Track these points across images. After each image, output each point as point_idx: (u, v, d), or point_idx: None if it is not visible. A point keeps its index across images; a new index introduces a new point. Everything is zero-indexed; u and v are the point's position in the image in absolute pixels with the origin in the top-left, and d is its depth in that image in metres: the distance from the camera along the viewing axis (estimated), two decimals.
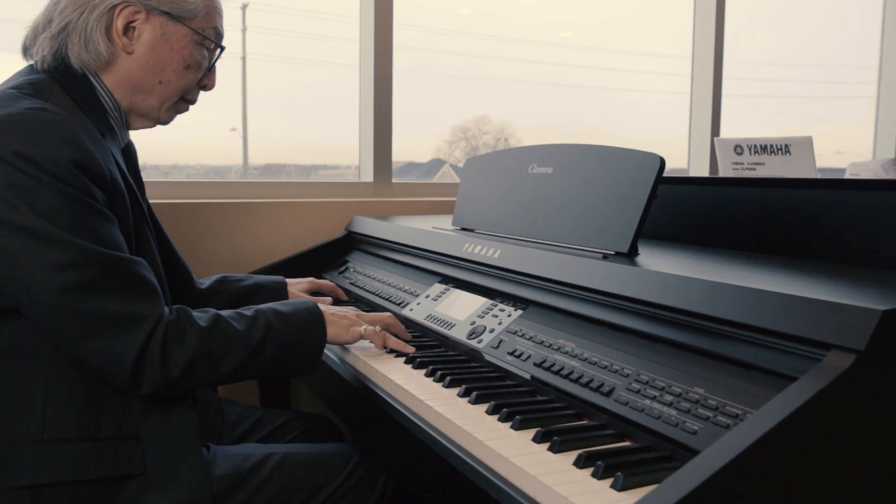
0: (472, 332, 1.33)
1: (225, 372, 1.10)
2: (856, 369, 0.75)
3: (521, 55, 5.03)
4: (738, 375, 0.89)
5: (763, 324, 0.87)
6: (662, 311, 1.02)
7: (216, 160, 3.78)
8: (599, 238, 1.31)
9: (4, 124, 0.99)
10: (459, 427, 0.97)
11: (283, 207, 2.17)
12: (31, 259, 0.98)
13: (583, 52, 5.49)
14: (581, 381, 1.04)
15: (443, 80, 4.37)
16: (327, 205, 2.23)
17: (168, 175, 3.36)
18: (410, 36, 4.82)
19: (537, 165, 1.52)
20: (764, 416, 0.73)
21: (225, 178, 2.61)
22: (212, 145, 4.17)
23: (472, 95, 5.14)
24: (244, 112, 3.22)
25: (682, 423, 0.88)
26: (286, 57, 2.62)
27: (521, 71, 4.95)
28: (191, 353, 1.06)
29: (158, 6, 1.17)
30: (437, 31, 4.28)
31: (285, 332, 1.16)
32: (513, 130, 5.53)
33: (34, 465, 1.02)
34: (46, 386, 1.04)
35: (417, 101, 4.17)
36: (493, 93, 5.32)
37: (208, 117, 3.58)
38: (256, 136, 3.30)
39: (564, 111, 5.40)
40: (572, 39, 5.67)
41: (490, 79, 5.00)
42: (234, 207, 2.10)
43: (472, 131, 5.81)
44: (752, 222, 1.49)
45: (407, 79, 4.16)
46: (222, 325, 1.11)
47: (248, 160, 3.54)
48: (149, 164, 3.65)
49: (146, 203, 1.32)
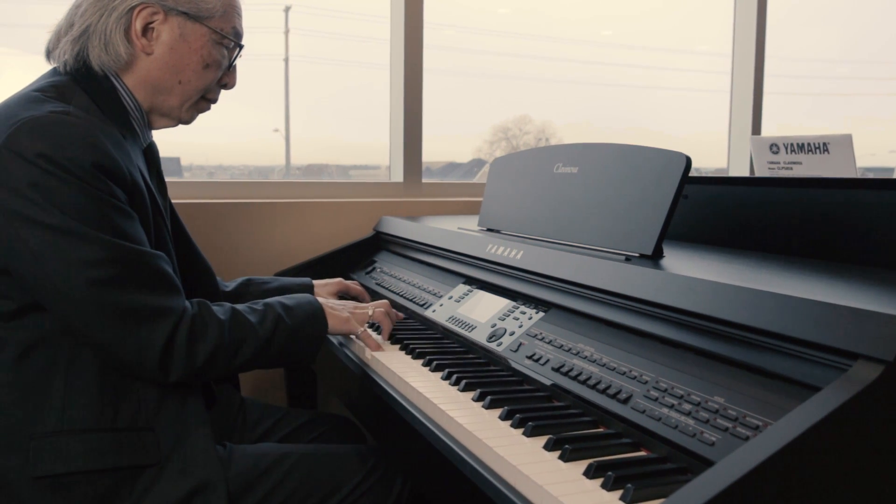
0: (493, 334, 1.31)
1: (241, 361, 1.15)
2: (883, 381, 0.71)
3: (561, 54, 4.97)
4: (760, 385, 0.85)
5: (786, 331, 0.83)
6: (682, 315, 0.98)
7: (260, 161, 3.83)
8: (623, 240, 1.27)
9: (28, 127, 1.01)
10: (469, 432, 0.95)
11: (313, 207, 2.17)
12: (60, 256, 1.01)
13: (623, 50, 5.40)
14: (598, 387, 1.01)
15: (484, 81, 4.35)
16: (357, 205, 2.23)
17: (213, 175, 3.42)
18: (448, 36, 4.81)
19: (563, 165, 1.49)
20: (781, 429, 0.69)
21: (268, 179, 2.63)
22: (255, 146, 4.23)
23: (512, 95, 5.10)
24: (287, 113, 3.24)
25: (699, 434, 0.84)
26: (328, 58, 2.62)
27: (561, 70, 4.89)
28: (213, 344, 1.10)
29: (176, 7, 1.18)
30: (476, 31, 4.26)
31: (292, 324, 1.21)
32: (554, 130, 5.47)
33: (53, 455, 1.04)
34: (66, 379, 1.07)
35: (458, 102, 4.16)
36: (533, 92, 5.27)
37: (252, 119, 3.64)
38: (299, 137, 3.33)
39: (605, 110, 5.32)
40: (613, 38, 5.58)
41: (531, 78, 4.95)
42: (263, 208, 2.11)
43: (513, 131, 5.76)
44: (787, 224, 1.43)
45: (447, 79, 4.15)
46: (239, 318, 1.16)
47: (291, 160, 3.58)
48: (195, 164, 3.72)
49: (167, 203, 1.34)
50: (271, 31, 4.13)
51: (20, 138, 1.00)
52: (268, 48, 3.78)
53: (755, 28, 2.77)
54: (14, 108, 1.06)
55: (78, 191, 1.01)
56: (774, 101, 3.14)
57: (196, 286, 1.41)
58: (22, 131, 1.01)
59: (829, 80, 4.43)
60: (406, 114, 2.34)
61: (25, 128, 1.01)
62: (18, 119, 1.02)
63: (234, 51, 1.27)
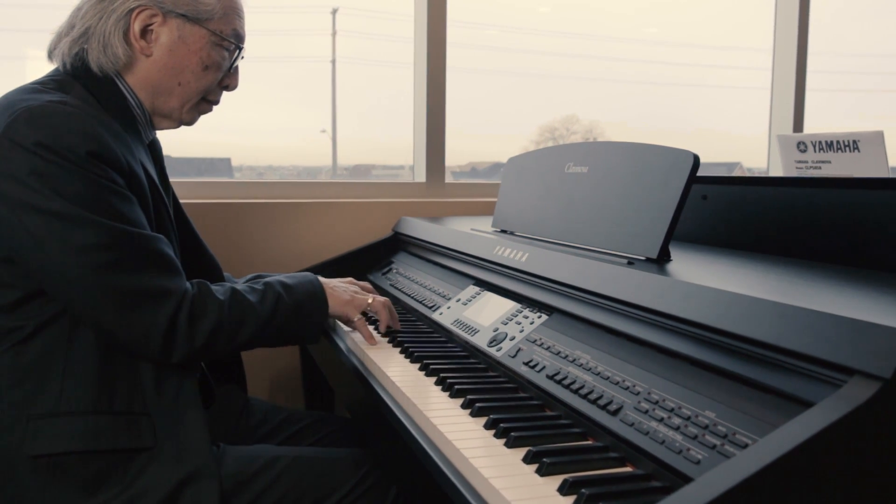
0: (494, 339, 1.27)
1: (242, 340, 1.16)
2: (878, 400, 0.65)
3: (606, 52, 4.87)
4: (755, 399, 0.79)
5: (781, 342, 0.77)
6: (677, 323, 0.93)
7: (308, 161, 3.87)
8: (628, 243, 1.21)
9: (26, 116, 1.03)
10: (448, 440, 0.91)
11: (335, 208, 2.16)
12: (61, 242, 1.02)
13: (669, 47, 5.27)
14: (590, 397, 0.96)
15: (530, 80, 4.30)
16: (380, 205, 2.22)
17: (262, 175, 3.46)
18: (491, 35, 4.76)
19: (574, 165, 1.44)
20: (761, 449, 0.63)
21: (316, 179, 2.62)
22: (303, 147, 4.27)
23: (559, 94, 5.03)
24: (333, 114, 3.25)
25: (685, 451, 0.79)
26: (376, 60, 2.61)
27: (608, 69, 4.80)
28: (213, 324, 1.11)
29: (175, 9, 1.18)
30: (519, 31, 4.21)
31: (292, 302, 1.21)
32: (601, 130, 5.37)
33: (51, 435, 1.06)
34: (64, 363, 1.08)
35: (508, 102, 4.12)
36: (581, 91, 5.18)
37: (300, 120, 3.67)
38: (346, 138, 3.34)
39: (651, 108, 5.21)
40: (658, 35, 5.45)
41: (578, 77, 4.87)
42: (285, 208, 2.11)
43: (560, 131, 5.69)
44: (812, 227, 1.34)
45: (496, 79, 4.10)
46: (238, 298, 1.16)
47: (337, 161, 3.59)
48: (245, 165, 3.78)
49: (171, 198, 1.34)
50: (318, 33, 4.16)
51: (18, 127, 1.02)
52: (315, 50, 3.80)
53: (797, 23, 2.65)
54: (13, 99, 1.07)
55: (77, 177, 1.02)
56: (819, 98, 3.01)
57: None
58: (20, 121, 1.02)
59: (878, 76, 4.23)
60: (429, 113, 2.31)
61: (23, 117, 1.02)
62: (16, 109, 1.04)
63: (234, 53, 1.26)
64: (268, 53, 4.07)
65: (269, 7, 3.39)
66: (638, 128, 4.98)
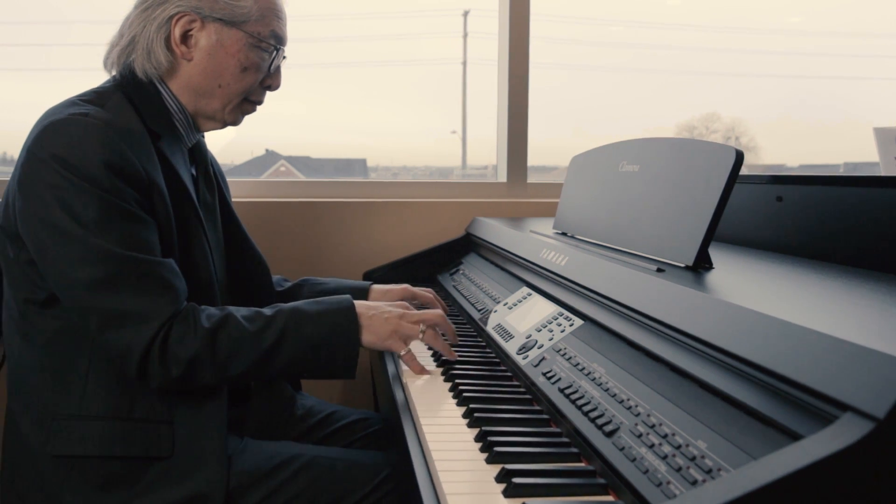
0: (523, 346, 1.20)
1: (237, 372, 1.11)
2: (866, 444, 0.53)
3: (746, 46, 4.57)
4: (750, 431, 0.68)
5: (780, 368, 0.66)
6: (686, 338, 0.83)
7: (440, 162, 3.94)
8: (665, 248, 1.11)
9: (49, 129, 1.09)
10: (430, 450, 0.87)
11: (413, 207, 2.16)
12: (58, 253, 1.07)
13: (815, 37, 4.84)
14: (591, 414, 0.88)
15: (668, 77, 4.13)
16: (459, 205, 2.18)
17: (397, 175, 3.56)
18: (615, 32, 4.60)
19: (627, 163, 1.33)
20: (727, 483, 0.54)
21: (448, 179, 2.63)
22: (435, 147, 4.35)
23: (698, 91, 4.80)
24: (464, 115, 3.28)
25: (665, 485, 0.70)
26: None
27: (750, 63, 4.51)
28: (192, 353, 1.07)
29: (212, 13, 1.21)
30: (648, 26, 4.04)
31: (309, 333, 1.14)
32: (745, 128, 5.04)
33: (70, 437, 1.11)
34: (87, 367, 1.13)
35: (639, 100, 3.97)
36: (721, 88, 4.92)
37: (434, 121, 3.73)
38: (476, 138, 3.34)
39: (803, 103, 4.85)
40: (802, 24, 5.03)
41: (718, 73, 4.61)
42: (360, 206, 2.13)
43: (699, 130, 5.40)
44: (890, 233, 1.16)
45: (622, 77, 3.95)
46: (230, 327, 1.11)
47: (467, 161, 3.62)
48: (381, 165, 3.91)
49: (217, 201, 1.37)
50: (450, 35, 4.18)
51: (41, 140, 1.08)
52: (447, 52, 3.84)
53: None
54: (48, 113, 1.15)
55: (86, 195, 1.06)
56: None
57: (248, 284, 1.44)
58: (44, 134, 1.08)
59: None
60: (511, 112, 2.25)
61: (46, 131, 1.09)
62: (45, 122, 1.10)
63: (273, 54, 1.28)
64: (401, 56, 4.15)
65: (403, 12, 3.44)
66: (786, 123, 4.63)
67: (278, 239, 2.06)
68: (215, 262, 1.29)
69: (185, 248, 1.20)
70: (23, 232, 1.10)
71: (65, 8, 2.40)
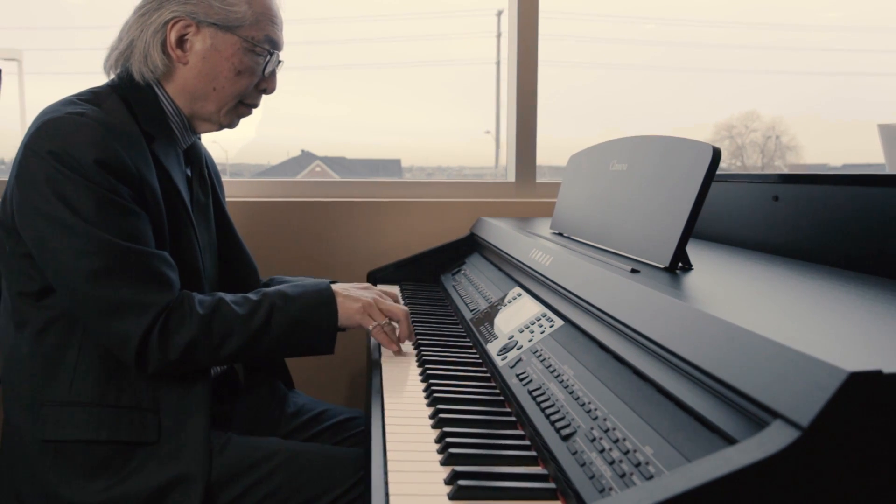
0: (504, 347, 1.19)
1: (228, 353, 1.16)
2: (788, 454, 0.51)
3: (784, 42, 4.48)
4: (697, 437, 0.66)
5: (723, 373, 0.64)
6: (648, 342, 0.80)
7: (474, 161, 3.94)
8: (645, 248, 1.08)
9: (46, 127, 1.12)
10: (388, 449, 0.86)
11: (421, 207, 2.15)
12: (58, 245, 1.10)
13: (854, 33, 4.71)
14: (552, 417, 0.87)
15: (704, 75, 4.07)
16: (467, 205, 2.17)
17: (431, 176, 3.57)
18: (649, 31, 4.53)
19: (617, 162, 1.31)
20: (648, 488, 0.53)
21: (482, 179, 2.63)
22: (469, 148, 4.35)
23: (737, 89, 4.73)
24: (497, 115, 3.28)
25: (607, 491, 0.68)
26: (543, 60, 2.56)
27: (788, 60, 4.42)
28: (189, 338, 1.12)
29: (207, 18, 1.23)
30: (682, 23, 3.98)
31: (292, 312, 1.19)
32: (786, 127, 4.92)
33: (59, 422, 1.15)
34: (77, 355, 1.16)
35: (672, 97, 3.90)
36: (759, 85, 4.83)
37: (468, 121, 3.75)
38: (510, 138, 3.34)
39: (842, 100, 4.74)
40: (841, 20, 4.90)
41: (756, 70, 4.54)
42: (367, 206, 2.14)
43: (738, 129, 5.28)
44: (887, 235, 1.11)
45: (658, 75, 3.89)
46: (223, 310, 1.16)
47: (500, 161, 3.62)
48: (415, 166, 3.93)
49: (211, 201, 1.39)
50: (483, 35, 4.16)
51: (38, 137, 1.11)
52: (481, 52, 3.83)
53: None
54: (45, 111, 1.17)
55: (82, 188, 1.09)
56: None
57: (238, 284, 1.46)
58: (41, 131, 1.12)
59: None
60: (519, 111, 2.23)
61: (43, 128, 1.12)
62: (42, 120, 1.13)
63: (267, 58, 1.29)
64: (436, 57, 4.14)
65: (437, 12, 3.44)
66: (826, 121, 4.52)
67: (284, 239, 2.08)
68: (205, 261, 1.32)
69: (174, 246, 1.22)
70: (20, 225, 1.14)
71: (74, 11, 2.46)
